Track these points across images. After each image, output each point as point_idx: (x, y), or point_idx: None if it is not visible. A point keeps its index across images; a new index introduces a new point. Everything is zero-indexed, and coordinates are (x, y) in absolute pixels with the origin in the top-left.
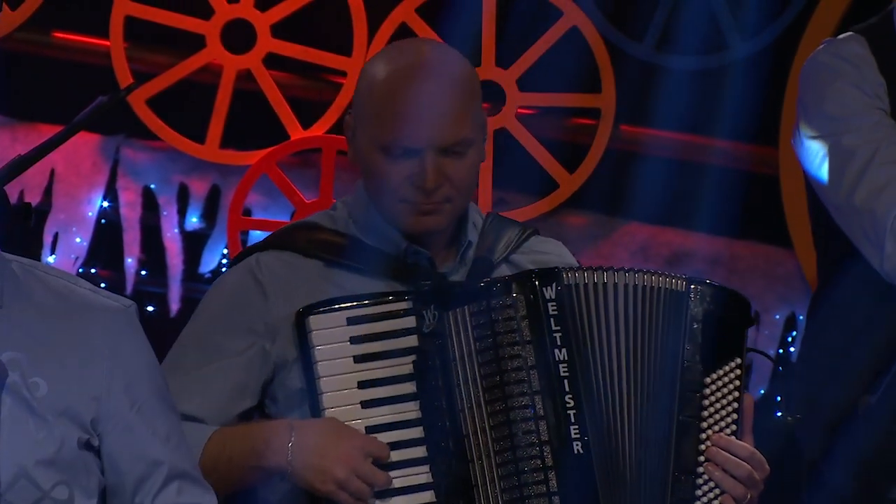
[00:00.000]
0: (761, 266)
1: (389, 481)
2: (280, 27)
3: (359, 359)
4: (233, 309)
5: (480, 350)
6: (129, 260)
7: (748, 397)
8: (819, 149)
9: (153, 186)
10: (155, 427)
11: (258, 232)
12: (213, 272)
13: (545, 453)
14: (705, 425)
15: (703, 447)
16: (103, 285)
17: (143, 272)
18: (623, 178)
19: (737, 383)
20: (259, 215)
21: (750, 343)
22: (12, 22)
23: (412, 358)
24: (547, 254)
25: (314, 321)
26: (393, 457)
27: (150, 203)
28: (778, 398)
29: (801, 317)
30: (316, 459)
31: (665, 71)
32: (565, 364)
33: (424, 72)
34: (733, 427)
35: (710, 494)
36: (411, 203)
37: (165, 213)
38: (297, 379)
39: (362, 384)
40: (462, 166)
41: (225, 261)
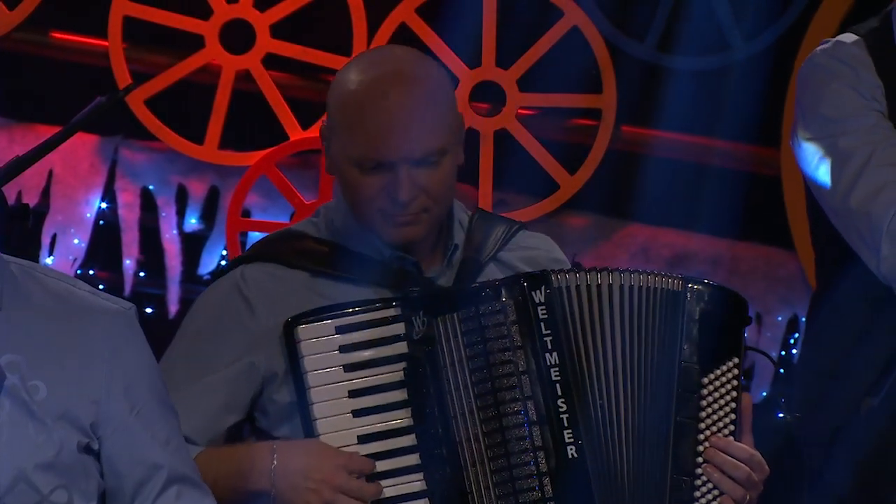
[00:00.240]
0: (763, 267)
1: (380, 491)
2: (279, 27)
3: (349, 368)
4: (219, 325)
5: (471, 356)
6: (128, 261)
7: (747, 397)
8: (816, 151)
9: (152, 187)
10: (154, 430)
11: (257, 233)
12: (212, 273)
13: (539, 459)
14: (703, 426)
15: (702, 448)
16: (101, 287)
17: (142, 273)
18: (624, 179)
19: (734, 383)
20: (258, 216)
21: (751, 345)
22: (10, 22)
23: (402, 365)
24: (535, 249)
25: (302, 331)
26: (386, 465)
27: (149, 204)
28: (781, 400)
29: (804, 318)
30: (300, 481)
31: (666, 71)
32: (557, 368)
33: (394, 83)
34: (731, 427)
35: (709, 496)
36: (388, 215)
37: (164, 215)
38: (288, 393)
39: (353, 393)
40: (437, 176)
41: (224, 262)
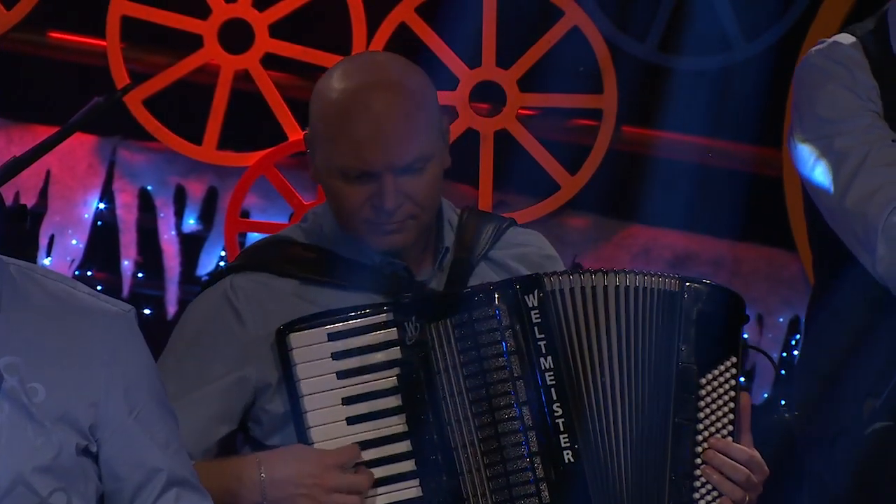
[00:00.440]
0: (765, 269)
1: (373, 478)
2: (278, 27)
3: (342, 374)
4: (209, 337)
5: (465, 362)
6: (126, 262)
7: (745, 396)
8: (812, 152)
9: (150, 188)
10: (154, 433)
11: (256, 234)
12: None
13: (536, 464)
14: (702, 427)
15: (700, 450)
16: (99, 288)
17: (140, 274)
18: (625, 180)
19: (733, 383)
20: (257, 217)
21: (752, 345)
22: (7, 22)
23: (396, 371)
24: (526, 246)
25: (295, 339)
26: (382, 472)
27: (147, 205)
28: (782, 401)
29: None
30: (292, 489)
31: (667, 71)
32: (552, 372)
33: (376, 91)
34: (730, 428)
35: (708, 497)
36: (374, 224)
37: (162, 215)
38: (281, 402)
39: (347, 400)
40: (422, 182)
41: (223, 263)
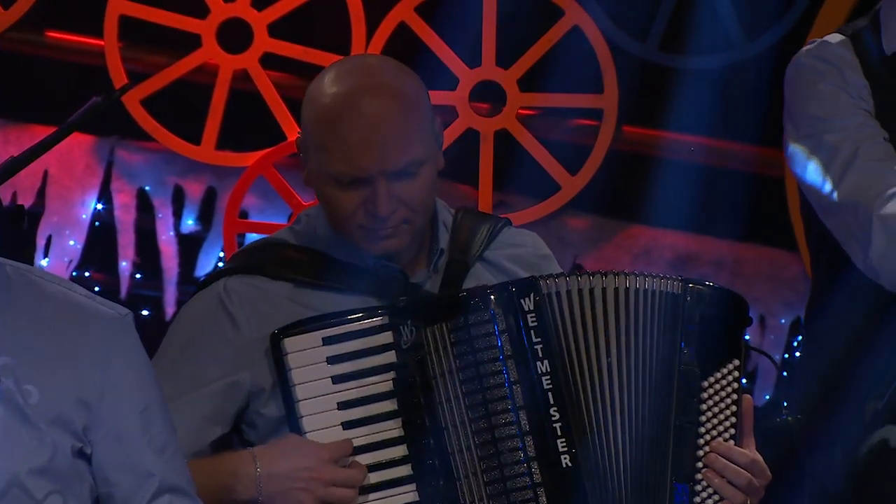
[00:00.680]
0: (766, 270)
1: (366, 472)
2: (277, 26)
3: (337, 379)
4: (202, 339)
5: (461, 367)
6: (124, 263)
7: (748, 398)
8: (804, 150)
9: (148, 188)
10: (150, 437)
11: (255, 234)
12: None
13: (533, 469)
14: (703, 430)
15: (702, 453)
16: (97, 289)
17: (138, 275)
18: (626, 180)
19: (735, 385)
20: (256, 217)
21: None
22: (5, 21)
23: (392, 375)
24: (521, 246)
25: (289, 343)
26: (378, 477)
27: (145, 205)
28: (784, 403)
29: None
30: (289, 483)
31: (668, 71)
32: (548, 376)
33: (368, 96)
34: (732, 431)
35: (709, 501)
36: (368, 229)
37: (160, 216)
38: (276, 407)
39: (342, 405)
40: (415, 186)
41: (221, 264)
